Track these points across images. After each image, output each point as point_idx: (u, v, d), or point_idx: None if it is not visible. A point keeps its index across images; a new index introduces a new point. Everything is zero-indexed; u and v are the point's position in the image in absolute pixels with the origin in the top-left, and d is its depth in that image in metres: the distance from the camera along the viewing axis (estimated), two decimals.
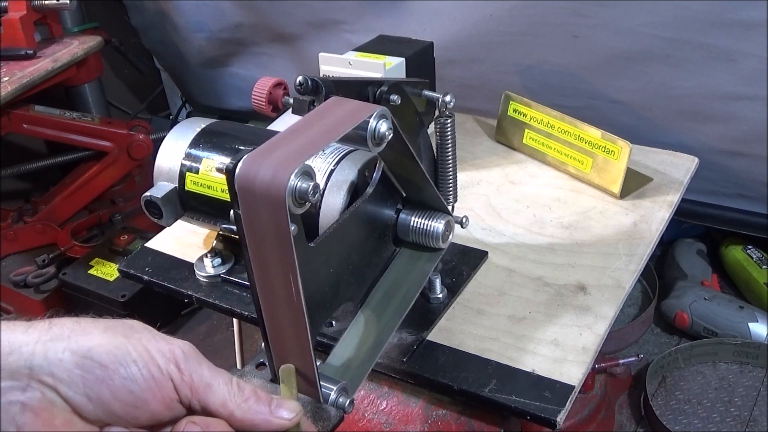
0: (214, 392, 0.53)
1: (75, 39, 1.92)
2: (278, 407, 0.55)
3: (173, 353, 0.52)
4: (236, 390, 0.53)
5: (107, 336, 0.50)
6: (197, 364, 0.53)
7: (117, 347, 0.50)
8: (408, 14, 1.59)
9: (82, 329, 0.50)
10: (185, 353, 0.52)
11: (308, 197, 0.55)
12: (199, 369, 0.52)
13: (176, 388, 0.51)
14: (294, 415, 0.55)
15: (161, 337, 0.53)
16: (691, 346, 1.54)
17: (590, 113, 1.42)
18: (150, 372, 0.50)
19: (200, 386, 0.52)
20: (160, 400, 0.51)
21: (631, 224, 0.96)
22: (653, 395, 1.48)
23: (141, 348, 0.50)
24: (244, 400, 0.53)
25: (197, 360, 0.53)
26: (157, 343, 0.51)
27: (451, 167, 0.83)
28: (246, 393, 0.54)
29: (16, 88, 1.65)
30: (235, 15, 1.92)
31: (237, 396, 0.53)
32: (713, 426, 1.40)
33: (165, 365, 0.51)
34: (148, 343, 0.51)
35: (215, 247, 0.91)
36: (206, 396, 0.52)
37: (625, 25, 1.38)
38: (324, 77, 0.71)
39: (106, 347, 0.49)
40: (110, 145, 2.00)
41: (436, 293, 0.84)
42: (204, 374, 0.52)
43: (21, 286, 1.85)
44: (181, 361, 0.52)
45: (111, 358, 0.49)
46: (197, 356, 0.53)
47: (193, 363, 0.52)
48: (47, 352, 0.48)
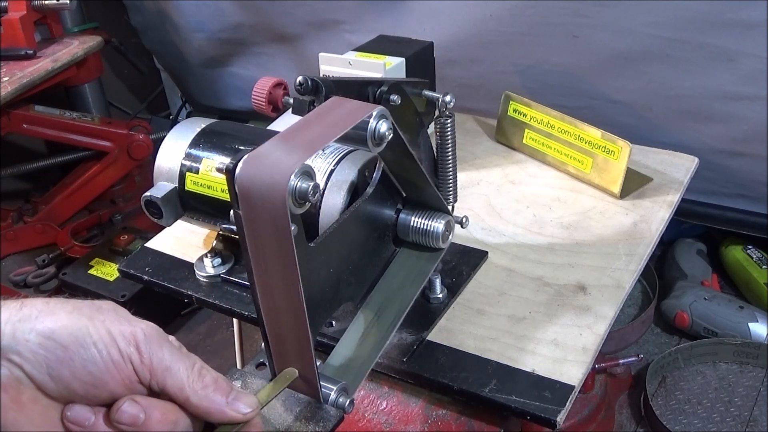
0: (173, 376, 0.53)
1: (75, 39, 1.93)
2: (236, 400, 0.55)
3: (134, 336, 0.53)
4: (195, 376, 0.54)
5: (72, 317, 0.52)
6: (158, 347, 0.53)
7: (79, 329, 0.51)
8: (408, 14, 1.59)
9: (49, 310, 0.52)
10: (146, 336, 0.53)
11: (308, 197, 0.55)
12: (160, 352, 0.53)
13: (136, 370, 0.53)
14: (250, 410, 0.56)
15: (126, 318, 0.54)
16: (691, 346, 1.54)
17: (590, 113, 1.42)
18: (109, 354, 0.51)
19: (159, 369, 0.53)
20: (120, 381, 0.52)
21: (631, 224, 0.96)
22: (653, 395, 1.48)
23: (103, 330, 0.52)
24: (202, 386, 0.54)
25: (159, 343, 0.54)
26: (120, 326, 0.52)
27: (451, 167, 0.83)
28: (206, 380, 0.55)
29: (16, 88, 1.65)
30: (235, 15, 1.92)
31: (195, 382, 0.54)
32: (713, 426, 1.40)
33: (125, 347, 0.52)
34: (111, 325, 0.52)
35: (215, 247, 0.91)
36: (165, 379, 0.53)
37: (625, 25, 1.38)
38: (324, 77, 0.71)
39: (69, 329, 0.51)
40: (110, 145, 2.00)
41: (436, 293, 0.84)
42: (164, 357, 0.53)
43: (21, 286, 1.86)
44: (142, 343, 0.53)
45: (72, 339, 0.51)
46: (159, 339, 0.54)
47: (153, 345, 0.53)
48: (15, 333, 0.50)
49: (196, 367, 0.55)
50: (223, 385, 0.55)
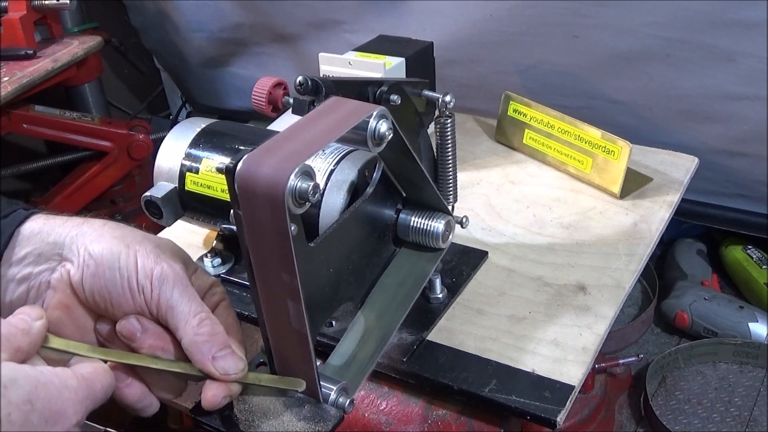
0: (174, 316, 0.58)
1: (75, 39, 1.92)
2: (223, 358, 0.59)
3: (152, 272, 0.58)
4: (194, 322, 0.58)
5: (114, 242, 0.58)
6: (171, 287, 0.58)
7: (113, 254, 0.57)
8: (408, 14, 1.59)
9: (102, 233, 0.59)
10: (163, 275, 0.58)
11: (308, 197, 0.55)
12: (169, 292, 0.58)
13: (146, 301, 0.58)
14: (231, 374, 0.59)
15: (158, 254, 0.59)
16: (691, 346, 1.54)
17: (590, 113, 1.42)
18: (128, 282, 0.57)
19: (164, 306, 0.58)
20: (132, 307, 0.58)
21: (631, 224, 0.96)
22: (653, 395, 1.48)
23: (131, 260, 0.58)
24: (195, 333, 0.58)
25: (173, 283, 0.58)
26: (146, 259, 0.58)
27: (451, 167, 0.83)
28: (202, 329, 0.58)
29: (16, 88, 1.65)
30: (235, 15, 1.92)
31: (192, 327, 0.58)
32: (713, 426, 1.40)
33: (142, 280, 0.57)
34: (139, 257, 0.58)
35: (215, 247, 0.91)
36: (167, 316, 0.58)
37: (625, 25, 1.38)
38: (324, 77, 0.71)
39: (107, 252, 0.58)
40: (110, 145, 2.00)
41: (436, 293, 0.84)
42: (172, 297, 0.58)
43: None
44: (156, 279, 0.58)
45: (105, 260, 0.57)
46: (175, 280, 0.58)
47: (166, 285, 0.58)
48: (72, 245, 0.58)
49: (199, 316, 0.58)
50: (218, 340, 0.59)
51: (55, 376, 0.51)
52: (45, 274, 0.59)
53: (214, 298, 0.64)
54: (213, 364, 0.58)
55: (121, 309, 0.58)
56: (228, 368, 0.59)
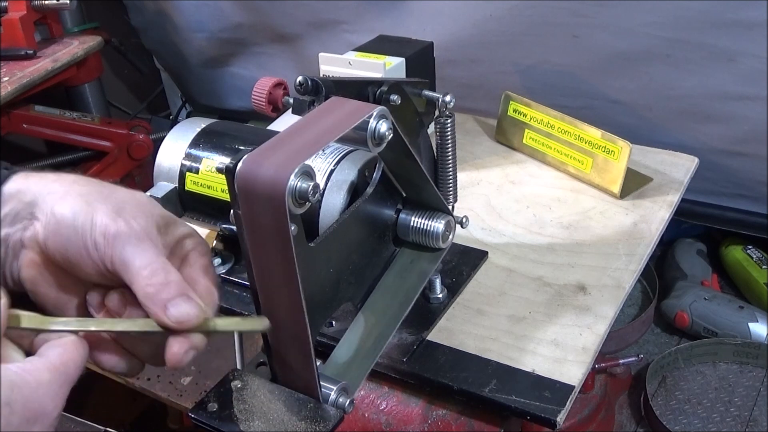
0: (127, 271, 0.56)
1: (75, 39, 1.92)
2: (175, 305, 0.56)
3: (107, 229, 0.56)
4: (147, 275, 0.56)
5: (77, 201, 0.57)
6: (124, 243, 0.56)
7: (74, 212, 0.56)
8: (408, 14, 1.59)
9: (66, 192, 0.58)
10: (118, 232, 0.56)
11: (308, 197, 0.55)
12: (122, 248, 0.56)
13: (104, 261, 0.56)
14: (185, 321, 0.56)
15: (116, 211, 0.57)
16: (691, 346, 1.53)
17: (590, 113, 1.42)
18: (83, 240, 0.56)
19: (118, 264, 0.56)
20: (91, 266, 0.57)
21: (631, 224, 0.96)
22: (653, 395, 1.48)
23: (89, 218, 0.56)
24: (146, 284, 0.56)
25: (127, 240, 0.56)
26: (105, 217, 0.56)
27: (451, 167, 0.83)
28: (153, 280, 0.56)
29: (16, 88, 1.65)
30: (235, 15, 1.91)
31: (144, 279, 0.56)
32: (713, 426, 1.40)
33: (97, 238, 0.56)
34: (98, 215, 0.56)
35: (215, 247, 0.91)
36: (122, 275, 0.56)
37: (625, 25, 1.38)
38: (324, 77, 0.71)
39: (68, 209, 0.57)
40: (110, 145, 2.00)
41: (436, 293, 0.84)
42: (125, 253, 0.56)
43: None
44: (111, 236, 0.56)
45: (65, 219, 0.56)
46: (130, 235, 0.56)
47: (119, 241, 0.56)
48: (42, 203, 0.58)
49: (151, 267, 0.56)
50: (170, 288, 0.56)
51: (29, 374, 0.50)
52: (18, 233, 0.58)
53: (184, 248, 0.62)
54: (165, 313, 0.55)
55: (81, 268, 0.57)
56: (180, 315, 0.55)
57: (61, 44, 1.88)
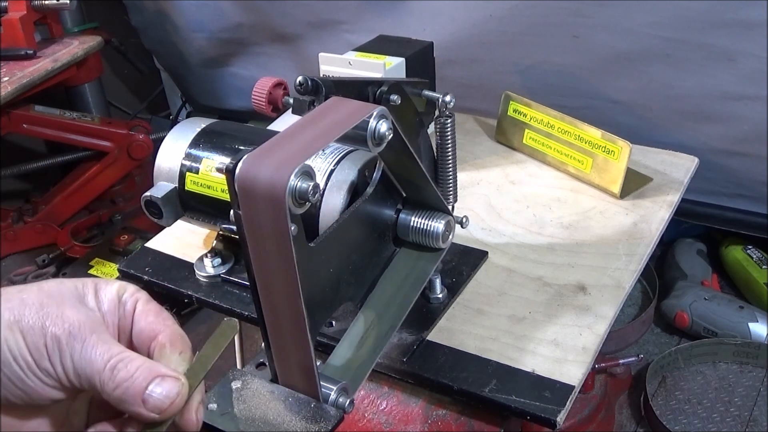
0: (87, 379, 0.50)
1: (75, 39, 1.93)
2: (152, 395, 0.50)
3: (46, 346, 0.50)
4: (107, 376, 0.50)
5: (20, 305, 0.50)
6: (67, 353, 0.50)
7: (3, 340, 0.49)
8: (408, 14, 1.59)
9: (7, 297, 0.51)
10: (55, 341, 0.50)
11: (308, 197, 0.55)
12: (68, 359, 0.50)
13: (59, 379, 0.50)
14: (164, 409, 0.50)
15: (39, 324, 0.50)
16: (691, 346, 1.54)
17: (590, 113, 1.42)
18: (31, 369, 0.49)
19: (73, 377, 0.50)
20: (53, 390, 0.50)
21: (631, 224, 0.96)
22: (653, 395, 1.48)
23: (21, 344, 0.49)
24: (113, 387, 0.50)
25: (68, 347, 0.50)
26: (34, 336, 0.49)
27: (451, 167, 0.83)
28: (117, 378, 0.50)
29: (16, 88, 1.65)
30: (235, 15, 1.92)
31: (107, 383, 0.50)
32: (713, 426, 1.40)
33: (40, 361, 0.50)
34: (28, 334, 0.49)
35: (215, 247, 0.91)
36: (82, 383, 0.51)
37: (625, 25, 1.38)
38: (324, 77, 0.71)
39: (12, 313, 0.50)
40: (110, 145, 2.00)
41: (436, 293, 0.84)
42: (74, 363, 0.50)
43: None
44: (53, 354, 0.50)
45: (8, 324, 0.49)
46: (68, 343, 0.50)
47: (64, 354, 0.50)
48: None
49: (110, 365, 0.50)
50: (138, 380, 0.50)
51: None
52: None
53: (128, 305, 0.55)
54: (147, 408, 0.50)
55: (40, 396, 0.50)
56: (163, 403, 0.50)
57: (61, 44, 1.88)
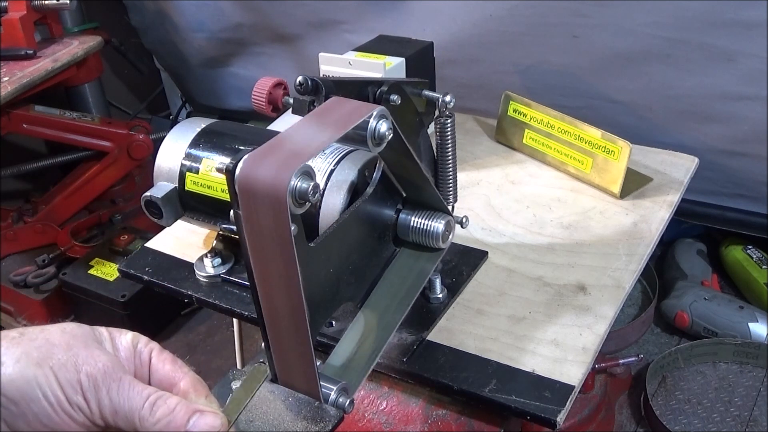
0: (124, 417, 0.52)
1: (75, 39, 1.92)
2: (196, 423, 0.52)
3: (80, 383, 0.51)
4: (147, 413, 0.52)
5: (19, 367, 0.50)
6: (104, 391, 0.51)
7: (27, 382, 0.50)
8: (408, 14, 1.59)
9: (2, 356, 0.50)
10: (90, 380, 0.51)
11: (308, 197, 0.55)
12: (105, 397, 0.51)
13: (87, 417, 0.51)
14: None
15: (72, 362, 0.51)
16: (691, 346, 1.54)
17: (590, 113, 1.42)
18: (60, 405, 0.50)
19: (109, 414, 0.52)
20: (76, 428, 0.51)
21: (631, 224, 0.96)
22: (653, 395, 1.48)
23: (52, 381, 0.50)
24: (154, 422, 0.52)
25: (105, 385, 0.51)
26: (66, 373, 0.51)
27: (451, 167, 0.83)
28: (158, 414, 0.52)
29: (16, 88, 1.65)
30: (235, 15, 1.92)
31: (147, 419, 0.52)
32: (713, 426, 1.40)
33: (73, 397, 0.50)
34: (59, 371, 0.50)
35: (215, 247, 0.91)
36: (117, 422, 0.52)
37: (625, 25, 1.38)
38: (324, 77, 0.71)
39: (16, 383, 0.50)
40: (110, 145, 2.00)
41: (436, 293, 0.84)
42: (112, 401, 0.51)
43: (21, 286, 1.85)
44: (87, 390, 0.51)
45: (21, 394, 0.50)
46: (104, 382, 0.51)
47: (100, 391, 0.51)
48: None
49: (149, 402, 0.52)
50: (178, 416, 0.52)
51: None
52: None
53: (143, 354, 0.57)
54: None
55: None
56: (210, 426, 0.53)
57: (61, 44, 1.88)
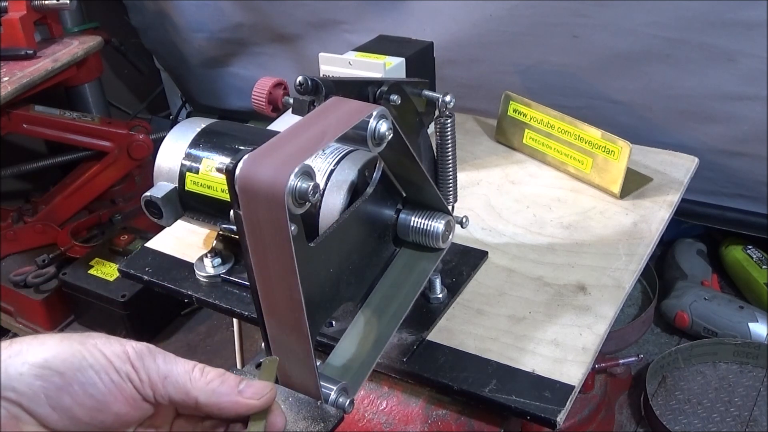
0: (174, 382, 0.52)
1: (75, 39, 1.92)
2: (247, 388, 0.54)
3: (127, 353, 0.52)
4: (197, 375, 0.53)
5: (63, 345, 0.51)
6: (151, 359, 0.53)
7: (73, 354, 0.50)
8: (408, 14, 1.59)
9: (38, 342, 0.51)
10: (137, 351, 0.52)
11: (308, 197, 0.55)
12: (153, 364, 0.52)
13: (136, 387, 0.52)
14: (262, 396, 0.55)
15: (115, 339, 0.53)
16: (691, 346, 1.54)
17: (590, 113, 1.42)
18: (108, 375, 0.51)
19: (158, 380, 0.52)
20: (123, 401, 0.51)
21: (631, 224, 0.96)
22: (653, 395, 1.48)
23: (96, 352, 0.51)
24: (206, 382, 0.53)
25: (151, 356, 0.53)
26: (111, 346, 0.52)
27: (451, 167, 0.83)
28: (209, 377, 0.54)
29: (16, 88, 1.65)
30: (235, 15, 1.92)
31: (198, 381, 0.53)
32: (713, 426, 1.40)
33: (121, 366, 0.51)
34: (103, 346, 0.51)
35: (215, 247, 0.91)
36: (167, 388, 0.52)
37: (625, 25, 1.38)
38: (324, 77, 0.71)
39: (62, 355, 0.50)
40: (110, 145, 2.00)
41: (436, 293, 0.84)
42: (159, 367, 0.52)
43: (21, 286, 1.85)
44: (135, 359, 0.52)
45: (68, 365, 0.50)
46: (150, 352, 0.53)
47: (147, 360, 0.52)
48: (7, 369, 0.49)
49: (197, 367, 0.54)
50: (229, 378, 0.54)
51: None
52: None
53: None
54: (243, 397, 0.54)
55: (110, 409, 0.51)
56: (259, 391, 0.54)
57: (61, 44, 1.88)
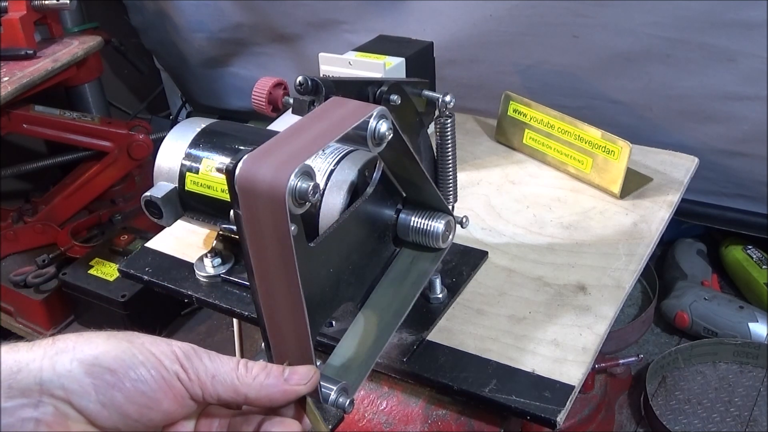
0: (222, 380, 0.53)
1: (75, 39, 1.92)
2: (291, 375, 0.55)
3: (175, 353, 0.53)
4: (243, 371, 0.54)
5: (111, 342, 0.51)
6: (198, 359, 0.53)
7: (123, 351, 0.51)
8: (408, 14, 1.59)
9: (85, 340, 0.51)
10: (184, 352, 0.53)
11: (308, 197, 0.55)
12: (200, 363, 0.53)
13: (185, 386, 0.52)
14: (309, 380, 0.56)
15: (161, 339, 0.54)
16: (691, 346, 1.54)
17: (590, 113, 1.42)
18: (159, 372, 0.51)
19: (206, 379, 0.53)
20: (173, 399, 0.52)
21: (631, 224, 0.96)
22: (653, 395, 1.48)
23: (145, 350, 0.52)
24: (253, 378, 0.54)
25: (197, 355, 0.54)
26: (158, 346, 0.52)
27: (451, 167, 0.83)
28: (254, 371, 0.54)
29: (16, 88, 1.65)
30: (235, 15, 1.92)
31: (245, 377, 0.54)
32: (713, 426, 1.40)
33: (170, 365, 0.52)
34: (151, 345, 0.52)
35: (215, 247, 0.91)
36: (215, 387, 0.53)
37: (625, 25, 1.38)
38: (324, 77, 0.71)
39: (112, 353, 0.50)
40: (110, 145, 2.00)
41: (436, 293, 0.84)
42: (207, 366, 0.53)
43: (21, 286, 1.85)
44: (183, 359, 0.53)
45: (119, 362, 0.50)
46: (196, 352, 0.54)
47: (194, 359, 0.53)
48: (55, 366, 0.49)
49: (241, 363, 0.54)
50: (272, 369, 0.55)
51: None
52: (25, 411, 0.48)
53: None
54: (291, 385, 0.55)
55: (160, 407, 0.51)
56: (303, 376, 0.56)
57: (61, 44, 1.88)
